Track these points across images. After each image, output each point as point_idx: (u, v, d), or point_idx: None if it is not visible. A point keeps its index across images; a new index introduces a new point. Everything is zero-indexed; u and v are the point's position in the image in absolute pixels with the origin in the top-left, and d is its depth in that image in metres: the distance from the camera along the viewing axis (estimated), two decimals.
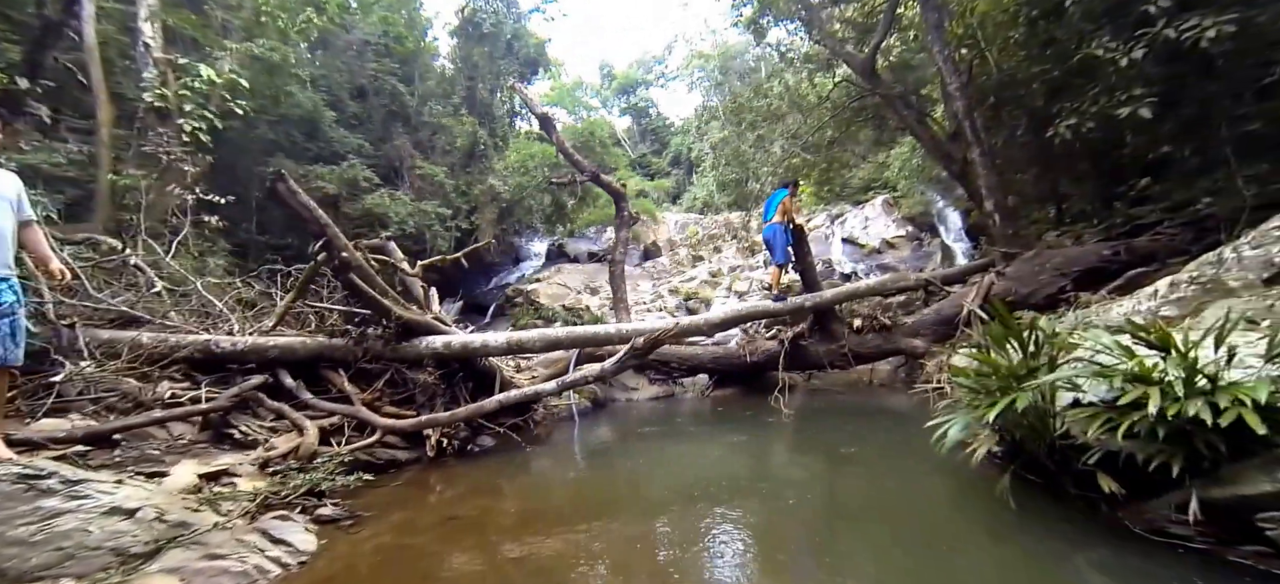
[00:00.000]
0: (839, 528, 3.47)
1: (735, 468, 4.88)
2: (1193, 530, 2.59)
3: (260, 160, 14.36)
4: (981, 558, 2.87)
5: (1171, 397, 2.55)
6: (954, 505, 3.57)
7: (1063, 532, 2.98)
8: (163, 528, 2.63)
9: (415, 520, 3.88)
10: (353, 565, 3.10)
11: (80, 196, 8.84)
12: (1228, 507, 2.52)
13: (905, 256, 16.79)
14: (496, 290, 20.58)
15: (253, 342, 4.98)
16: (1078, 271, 6.52)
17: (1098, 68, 6.10)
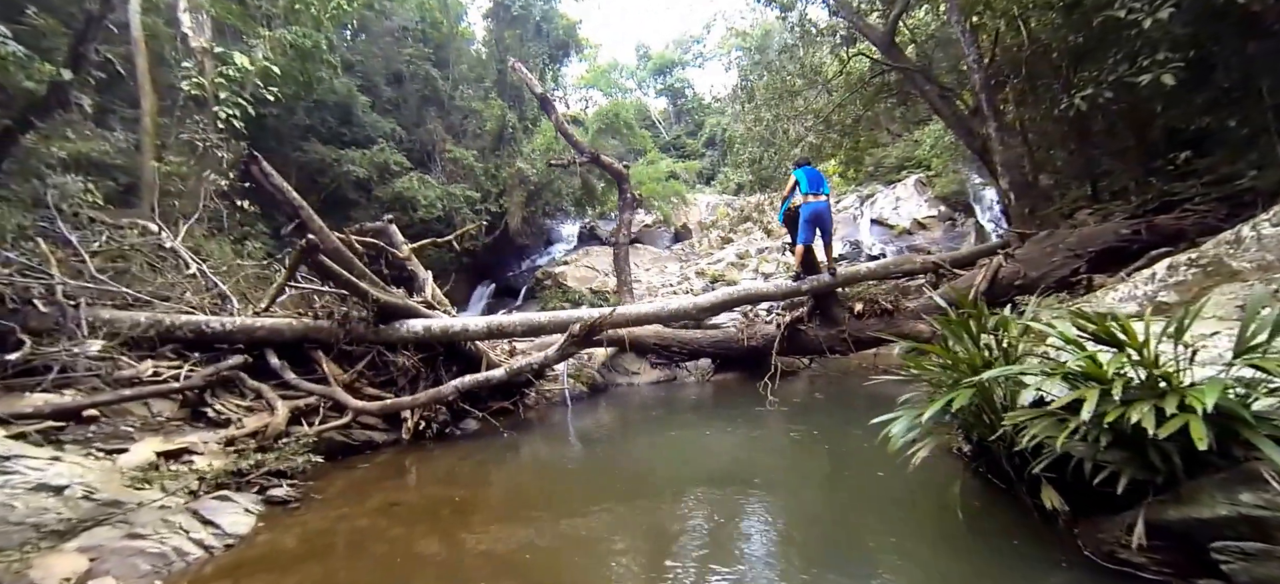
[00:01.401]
0: (771, 542, 3.15)
1: (698, 466, 4.59)
2: (1145, 557, 2.19)
3: (297, 146, 14.84)
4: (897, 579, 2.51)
5: (1111, 399, 2.12)
6: (902, 513, 3.20)
7: (1004, 550, 2.61)
8: (90, 506, 2.64)
9: (362, 503, 3.85)
10: (278, 548, 3.07)
11: (131, 183, 9.34)
12: (1182, 531, 2.11)
13: (937, 237, 15.76)
14: (527, 273, 20.74)
15: (242, 323, 5.07)
16: (1093, 252, 5.81)
17: (1120, 31, 5.29)
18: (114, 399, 3.77)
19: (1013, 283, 6.37)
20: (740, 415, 6.05)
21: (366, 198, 16.39)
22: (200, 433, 3.94)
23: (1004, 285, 6.37)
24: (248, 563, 2.84)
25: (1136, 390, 2.22)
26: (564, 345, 5.11)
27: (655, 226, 23.51)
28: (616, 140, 21.78)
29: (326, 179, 15.74)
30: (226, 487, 3.49)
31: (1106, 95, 5.47)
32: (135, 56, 9.24)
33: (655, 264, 19.91)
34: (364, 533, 3.31)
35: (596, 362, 8.87)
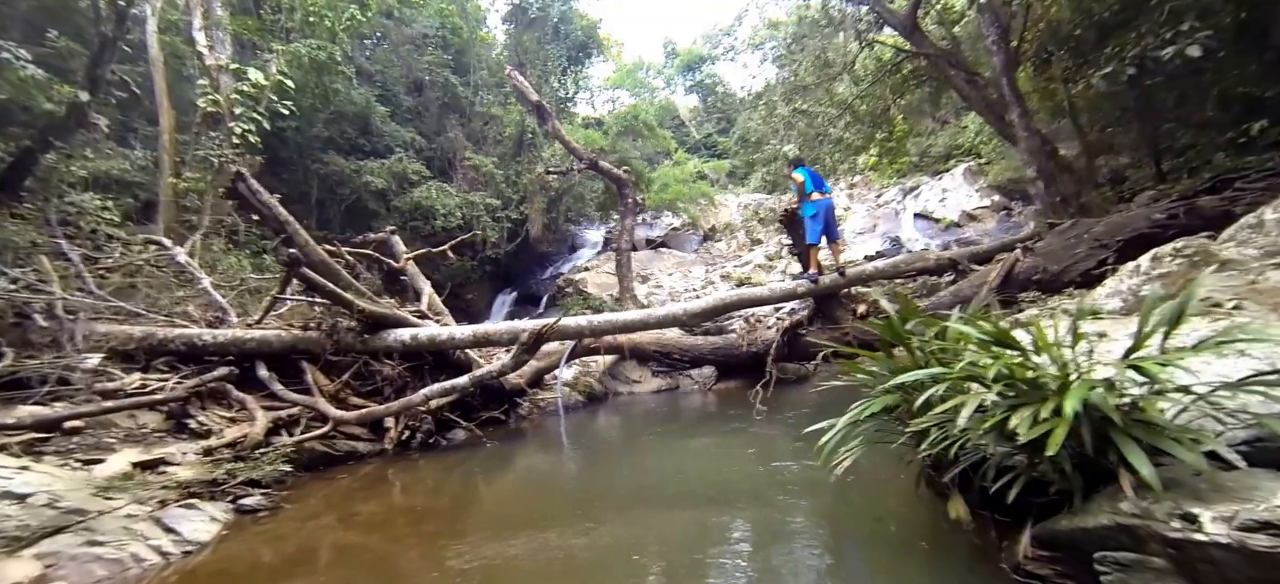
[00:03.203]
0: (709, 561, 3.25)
1: (680, 482, 4.71)
2: (1049, 569, 2.24)
3: (316, 158, 15.88)
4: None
5: (999, 404, 2.21)
6: (847, 528, 3.30)
7: (922, 560, 2.72)
8: (52, 514, 3.05)
9: (333, 514, 4.21)
10: (236, 556, 3.43)
11: (150, 200, 10.33)
12: (1070, 542, 2.17)
13: (990, 229, 15.11)
14: (549, 280, 21.21)
15: (233, 335, 5.59)
16: (1121, 242, 5.55)
17: (1145, 2, 5.06)
18: (96, 411, 4.28)
19: (1031, 278, 6.19)
20: (735, 427, 6.14)
21: (386, 208, 17.25)
22: (180, 444, 4.42)
23: (1021, 281, 6.20)
24: (201, 569, 3.21)
25: (1027, 394, 2.24)
26: (517, 353, 5.38)
27: (683, 230, 23.56)
28: (637, 143, 22.06)
29: (346, 190, 16.71)
30: (199, 496, 3.89)
31: (1130, 72, 5.24)
32: (154, 75, 10.20)
33: (679, 268, 20.01)
34: (326, 542, 3.66)
35: (598, 370, 9.11)
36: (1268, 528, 1.63)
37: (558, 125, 12.27)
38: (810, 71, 11.67)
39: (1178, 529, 1.82)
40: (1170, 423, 2.03)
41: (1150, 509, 1.92)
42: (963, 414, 2.27)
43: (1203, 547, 1.75)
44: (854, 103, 11.55)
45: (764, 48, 29.69)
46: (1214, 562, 1.75)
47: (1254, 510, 1.68)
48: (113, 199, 8.01)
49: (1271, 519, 1.63)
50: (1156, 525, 1.88)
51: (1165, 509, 1.88)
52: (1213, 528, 1.74)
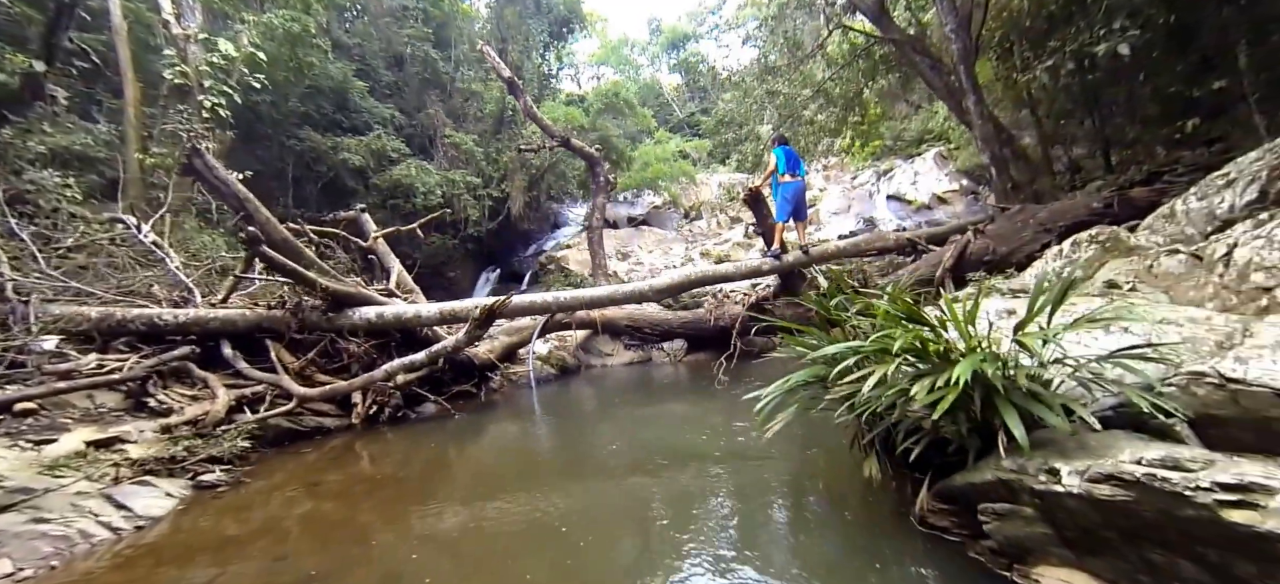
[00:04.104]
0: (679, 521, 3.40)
1: (631, 451, 4.85)
2: (949, 521, 2.43)
3: (291, 134, 15.54)
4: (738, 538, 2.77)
5: (903, 374, 2.38)
6: (777, 491, 3.45)
7: (842, 518, 2.93)
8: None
9: (294, 486, 4.26)
10: (195, 528, 3.51)
11: (116, 176, 10.07)
12: (964, 496, 2.34)
13: (959, 211, 15.40)
14: (532, 258, 21.16)
15: (195, 315, 5.58)
16: (1063, 226, 5.80)
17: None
18: (47, 393, 4.27)
19: (982, 258, 6.39)
20: (699, 397, 6.34)
21: (364, 185, 16.97)
22: (138, 422, 4.43)
23: (973, 261, 6.40)
24: (156, 542, 3.27)
25: (932, 365, 2.37)
26: (469, 329, 5.45)
27: (664, 207, 23.57)
28: (619, 120, 21.87)
29: (323, 167, 16.40)
30: (155, 473, 3.93)
31: (1069, 67, 5.38)
32: (117, 45, 9.85)
33: (660, 245, 20.07)
34: (292, 512, 3.73)
35: (572, 344, 9.23)
36: (1110, 480, 1.77)
37: (530, 102, 12.13)
38: (783, 53, 11.64)
39: (1043, 482, 1.98)
40: (1046, 390, 2.17)
41: (1024, 465, 2.07)
42: (867, 384, 2.40)
43: (1060, 496, 1.91)
44: (827, 85, 11.57)
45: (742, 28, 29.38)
46: (1068, 509, 1.90)
47: (1101, 465, 1.82)
48: (74, 176, 7.79)
49: (1114, 472, 1.77)
50: (1027, 479, 2.04)
51: (1036, 465, 2.03)
52: (1068, 480, 1.89)
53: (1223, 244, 2.78)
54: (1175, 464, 1.67)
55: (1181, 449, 1.79)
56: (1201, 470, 1.63)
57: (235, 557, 3.11)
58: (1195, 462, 1.68)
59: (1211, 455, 1.75)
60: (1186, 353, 2.30)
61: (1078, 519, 1.89)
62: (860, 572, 2.41)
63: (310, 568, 2.92)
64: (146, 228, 7.41)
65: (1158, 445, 1.85)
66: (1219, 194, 3.32)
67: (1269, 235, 2.57)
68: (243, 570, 2.94)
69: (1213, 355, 2.17)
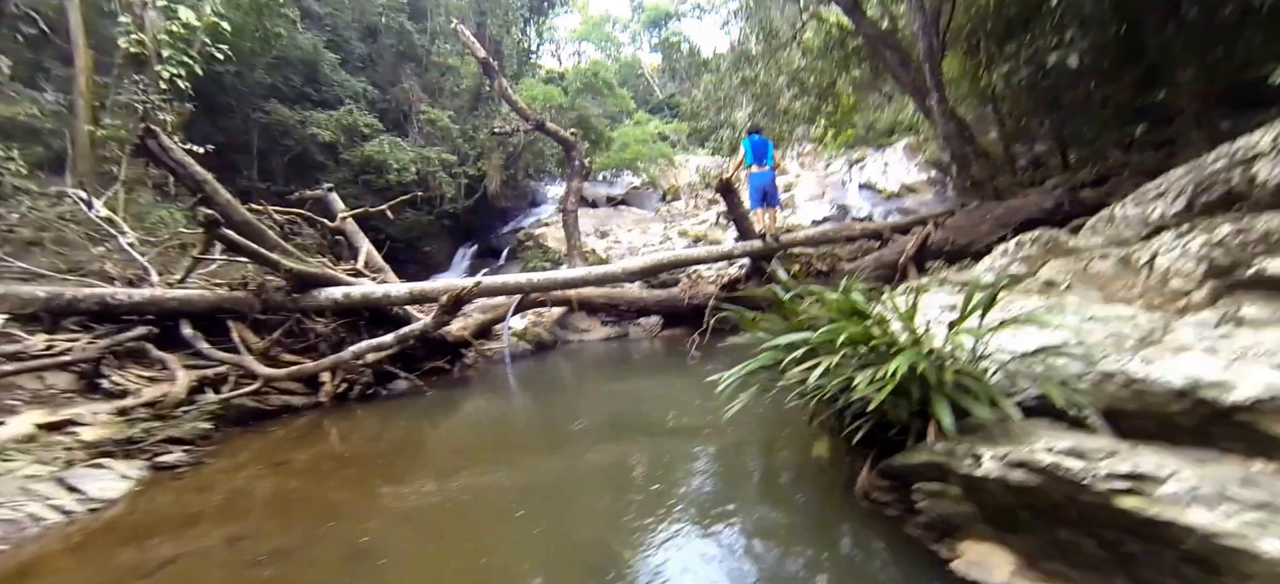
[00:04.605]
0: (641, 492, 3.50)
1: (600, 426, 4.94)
2: (890, 498, 2.56)
3: (257, 106, 14.97)
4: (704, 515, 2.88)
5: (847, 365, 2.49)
6: (742, 465, 3.59)
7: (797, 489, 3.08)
8: None
9: (259, 464, 4.24)
10: (153, 509, 3.47)
11: (66, 149, 9.60)
12: (901, 476, 2.47)
13: (926, 200, 15.79)
14: (510, 235, 20.97)
15: (151, 294, 5.41)
16: (1018, 222, 6.04)
17: (1038, 5, 5.34)
18: None
19: (942, 249, 6.61)
20: (658, 371, 6.47)
21: (335, 161, 16.48)
22: (92, 404, 4.31)
23: (933, 251, 6.63)
24: (111, 523, 3.23)
25: (876, 356, 2.49)
26: (437, 314, 5.45)
27: (643, 188, 23.52)
28: (598, 100, 21.63)
29: (291, 142, 15.87)
30: (111, 455, 3.85)
31: (1022, 73, 5.55)
32: (68, 10, 9.32)
33: (638, 225, 20.09)
34: (257, 490, 3.71)
35: (548, 321, 9.27)
36: (1023, 466, 1.91)
37: (505, 84, 11.92)
38: (759, 41, 11.65)
39: (968, 465, 2.11)
40: (975, 383, 2.30)
41: (953, 449, 2.20)
42: (813, 375, 2.50)
43: (982, 479, 2.04)
44: (802, 74, 11.63)
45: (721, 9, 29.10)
46: (989, 490, 2.05)
47: (1017, 452, 1.96)
48: (19, 148, 7.40)
49: (1026, 459, 1.91)
50: (955, 462, 2.18)
51: (963, 450, 2.17)
52: (989, 465, 2.02)
53: (1147, 250, 2.96)
54: (1079, 453, 1.81)
55: (1089, 439, 1.94)
56: (1103, 460, 1.77)
57: (195, 536, 3.10)
58: (1099, 451, 1.82)
59: (1116, 445, 1.90)
60: (1110, 348, 2.46)
61: (997, 499, 2.03)
62: (806, 541, 2.55)
63: (273, 545, 2.93)
64: (98, 203, 7.12)
65: (1069, 435, 2.00)
66: (1152, 203, 3.51)
67: (1185, 246, 2.74)
68: (202, 549, 2.95)
69: (1135, 350, 2.33)
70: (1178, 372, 1.88)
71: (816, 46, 11.43)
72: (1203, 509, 1.51)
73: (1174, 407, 1.86)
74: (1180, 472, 1.63)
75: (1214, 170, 3.23)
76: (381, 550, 2.76)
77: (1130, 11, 5.74)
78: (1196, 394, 1.79)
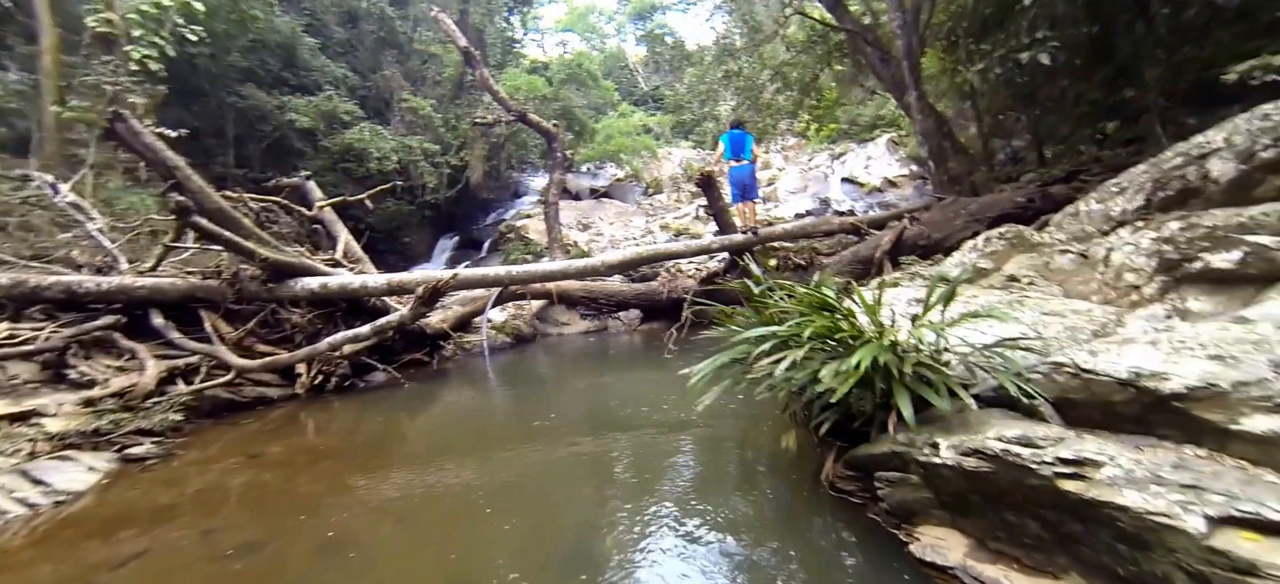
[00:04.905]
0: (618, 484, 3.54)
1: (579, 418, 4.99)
2: (854, 486, 2.63)
3: (232, 90, 14.59)
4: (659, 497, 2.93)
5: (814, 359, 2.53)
6: (718, 455, 3.66)
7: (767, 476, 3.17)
8: None
9: (232, 457, 4.19)
10: (121, 502, 3.42)
11: (30, 131, 9.28)
12: (865, 465, 2.54)
13: (907, 195, 16.02)
14: (492, 226, 20.79)
15: (120, 282, 5.28)
16: (992, 217, 6.16)
17: (1012, 4, 5.45)
18: None
19: (918, 243, 6.72)
20: (636, 365, 6.50)
21: (314, 148, 16.16)
22: (57, 395, 4.22)
23: (909, 245, 6.74)
24: (72, 517, 3.19)
25: (841, 350, 2.54)
26: (413, 305, 5.42)
27: (627, 181, 23.45)
28: (582, 91, 21.47)
29: (268, 128, 15.51)
30: (78, 447, 3.78)
31: (996, 71, 5.65)
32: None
33: (621, 218, 20.05)
34: (230, 483, 3.66)
35: (528, 314, 9.25)
36: (976, 454, 1.98)
37: (486, 74, 11.77)
38: (743, 34, 11.68)
39: (926, 454, 2.18)
40: (936, 375, 2.37)
41: (913, 439, 2.27)
42: (779, 368, 2.55)
43: (939, 466, 2.12)
44: (785, 69, 11.69)
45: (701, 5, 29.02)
46: (945, 477, 2.12)
47: (971, 441, 2.03)
48: None
49: (979, 447, 1.98)
50: (914, 452, 2.25)
51: (922, 439, 2.24)
52: (945, 453, 2.09)
53: (1105, 246, 3.05)
54: (1028, 441, 1.89)
55: (1038, 427, 2.02)
56: (1049, 447, 1.84)
57: (164, 528, 3.07)
58: (1047, 439, 1.89)
59: (1063, 433, 1.98)
60: (1066, 341, 2.55)
61: (952, 485, 2.11)
62: (775, 531, 2.61)
63: (244, 537, 2.92)
64: (65, 188, 6.90)
65: (1020, 424, 2.08)
66: (1114, 199, 3.61)
67: (1137, 241, 2.84)
68: (172, 542, 2.92)
69: (1089, 342, 2.42)
70: (1122, 363, 1.96)
71: (800, 41, 11.48)
72: (1136, 491, 1.58)
73: (1117, 396, 1.94)
74: (1118, 457, 1.72)
75: (1172, 167, 3.34)
76: (354, 543, 2.76)
77: (1102, 11, 5.87)
78: (1138, 384, 1.87)
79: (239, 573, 2.55)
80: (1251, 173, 2.88)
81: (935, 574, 2.07)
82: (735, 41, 12.07)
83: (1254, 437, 1.61)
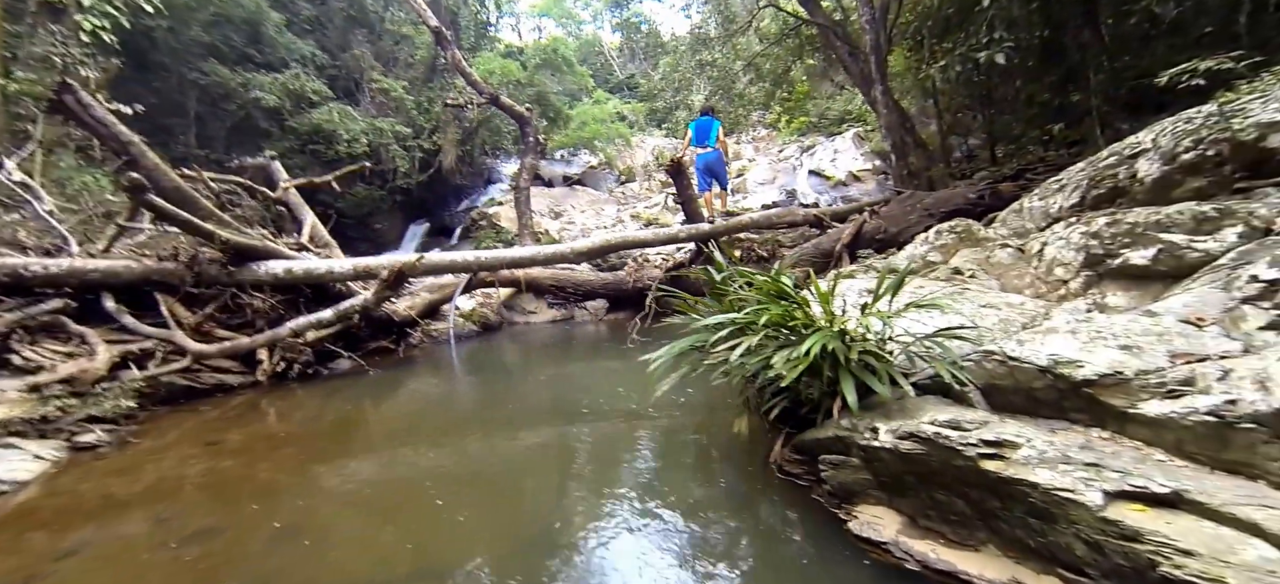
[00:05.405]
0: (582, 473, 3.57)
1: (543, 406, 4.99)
2: (800, 470, 2.73)
3: (194, 66, 13.92)
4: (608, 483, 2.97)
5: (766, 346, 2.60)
6: (672, 440, 3.73)
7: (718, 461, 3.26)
8: None
9: (189, 445, 4.07)
10: (63, 492, 3.30)
11: None
12: (810, 448, 2.64)
13: (870, 189, 16.37)
14: (464, 213, 20.44)
15: (71, 265, 5.03)
16: (945, 212, 6.34)
17: (972, 6, 5.61)
18: None
19: (876, 237, 6.89)
20: (614, 354, 6.54)
21: (280, 128, 15.58)
22: (0, 381, 4.01)
23: (867, 239, 6.91)
24: (16, 508, 3.07)
25: (795, 337, 2.62)
26: (377, 289, 5.33)
27: (600, 168, 23.31)
28: (556, 77, 21.17)
29: (232, 106, 14.89)
30: (23, 435, 3.62)
31: (957, 69, 5.81)
32: None
33: (592, 206, 19.94)
34: (188, 472, 3.55)
35: (495, 302, 9.16)
36: (911, 437, 2.08)
37: (458, 55, 11.52)
38: (718, 25, 11.68)
39: (866, 438, 2.28)
40: (880, 363, 2.46)
41: (855, 424, 2.36)
42: (735, 354, 2.62)
43: (878, 450, 2.21)
44: (757, 60, 11.75)
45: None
46: (883, 460, 2.22)
47: (907, 425, 2.13)
48: None
49: (914, 431, 2.08)
50: (856, 436, 2.34)
51: (864, 424, 2.33)
52: (884, 437, 2.19)
53: (1038, 241, 3.20)
54: (957, 425, 1.99)
55: (967, 412, 2.13)
56: (975, 430, 1.95)
57: (115, 517, 2.99)
58: (973, 423, 2.00)
59: (988, 417, 2.09)
60: (999, 331, 2.67)
61: (889, 467, 2.21)
62: (727, 513, 2.68)
63: (198, 524, 2.86)
64: (10, 165, 6.52)
65: (951, 409, 2.18)
66: (1053, 196, 3.78)
67: (1067, 237, 2.99)
68: (122, 530, 2.84)
69: (1019, 333, 2.54)
70: (1043, 351, 2.08)
71: (773, 33, 11.54)
72: (1047, 469, 1.69)
73: (1037, 382, 2.06)
74: (1034, 438, 1.83)
75: (1106, 166, 3.50)
76: (312, 530, 2.73)
77: (1053, 16, 6.07)
78: (1055, 371, 1.99)
79: (191, 561, 2.50)
80: (1173, 173, 3.05)
81: (870, 549, 2.17)
82: (710, 31, 12.06)
83: (1148, 419, 1.73)
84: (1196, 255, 2.43)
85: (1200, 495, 1.44)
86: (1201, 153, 2.92)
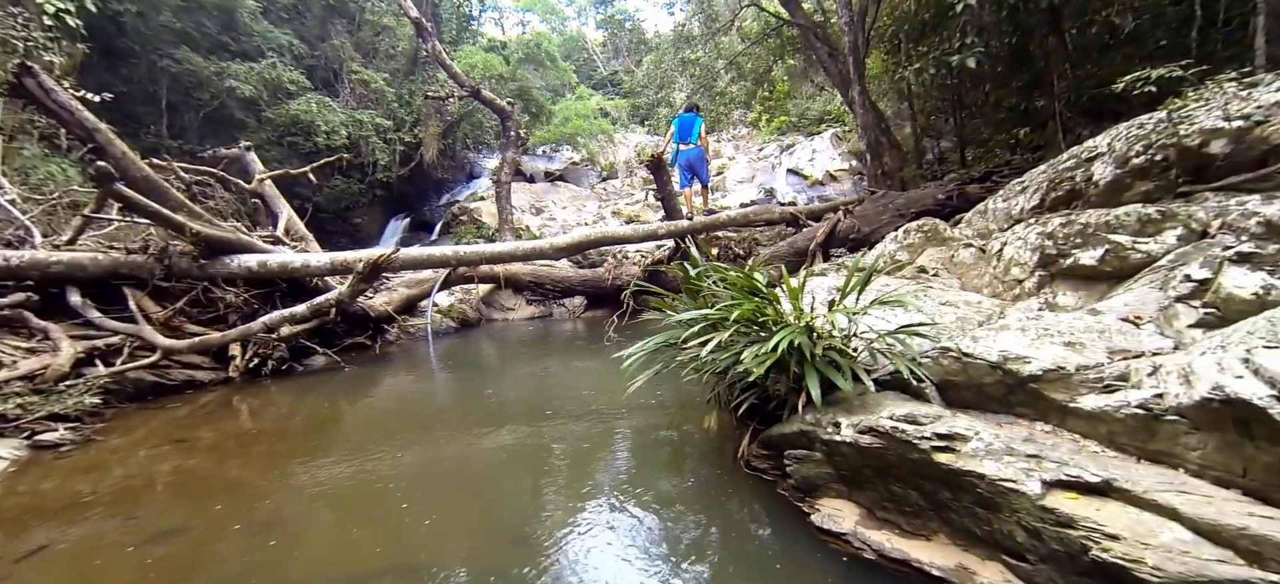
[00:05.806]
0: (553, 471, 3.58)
1: (518, 402, 4.98)
2: (766, 465, 2.78)
3: (165, 53, 13.47)
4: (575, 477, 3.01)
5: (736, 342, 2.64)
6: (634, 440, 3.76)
7: (688, 456, 3.28)
8: None
9: (158, 443, 3.98)
10: (23, 492, 3.22)
11: None
12: (776, 443, 2.70)
13: (846, 188, 16.60)
14: (445, 207, 20.18)
15: (33, 257, 4.87)
16: (915, 213, 6.48)
17: (946, 12, 5.74)
18: None
19: (849, 236, 7.01)
20: (591, 351, 6.54)
21: (257, 119, 15.20)
22: None
23: (840, 238, 7.02)
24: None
25: (765, 333, 2.67)
26: (352, 283, 5.27)
27: (582, 164, 23.20)
28: (539, 72, 21.01)
29: (206, 95, 14.45)
30: None
31: (930, 72, 5.93)
32: None
33: (574, 202, 19.87)
34: (156, 470, 3.47)
35: (474, 298, 9.10)
36: (871, 432, 2.14)
37: (439, 47, 11.35)
38: (701, 23, 11.71)
39: (829, 433, 2.33)
40: (844, 359, 2.52)
41: (819, 419, 2.42)
42: (706, 349, 2.65)
43: (839, 444, 2.27)
44: (739, 59, 11.82)
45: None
46: (845, 454, 2.28)
47: (867, 420, 2.19)
48: None
49: (873, 426, 2.14)
50: (819, 431, 2.39)
51: (827, 420, 2.39)
52: (846, 432, 2.25)
53: (999, 242, 3.30)
54: (913, 419, 2.05)
55: (922, 407, 2.20)
56: (929, 424, 2.01)
57: (78, 516, 2.91)
58: (928, 417, 2.07)
59: (942, 412, 2.16)
60: (956, 329, 2.76)
61: (850, 461, 2.27)
62: (694, 504, 2.73)
63: (165, 523, 2.81)
64: None
65: (908, 404, 2.25)
66: (1015, 198, 3.89)
67: (1025, 237, 3.09)
68: (86, 532, 2.77)
69: (974, 331, 2.62)
70: (995, 348, 2.16)
71: (755, 33, 11.61)
72: (993, 461, 1.77)
73: (988, 378, 2.14)
74: (982, 432, 1.90)
75: (1064, 169, 3.62)
76: (283, 527, 2.70)
77: (1021, 23, 6.24)
78: (1005, 366, 2.07)
79: (157, 559, 2.46)
80: (1124, 177, 3.17)
81: (831, 540, 2.24)
82: (693, 30, 12.09)
83: (1085, 413, 1.82)
84: (1139, 256, 2.54)
85: (1127, 483, 1.52)
86: (1150, 157, 3.04)
